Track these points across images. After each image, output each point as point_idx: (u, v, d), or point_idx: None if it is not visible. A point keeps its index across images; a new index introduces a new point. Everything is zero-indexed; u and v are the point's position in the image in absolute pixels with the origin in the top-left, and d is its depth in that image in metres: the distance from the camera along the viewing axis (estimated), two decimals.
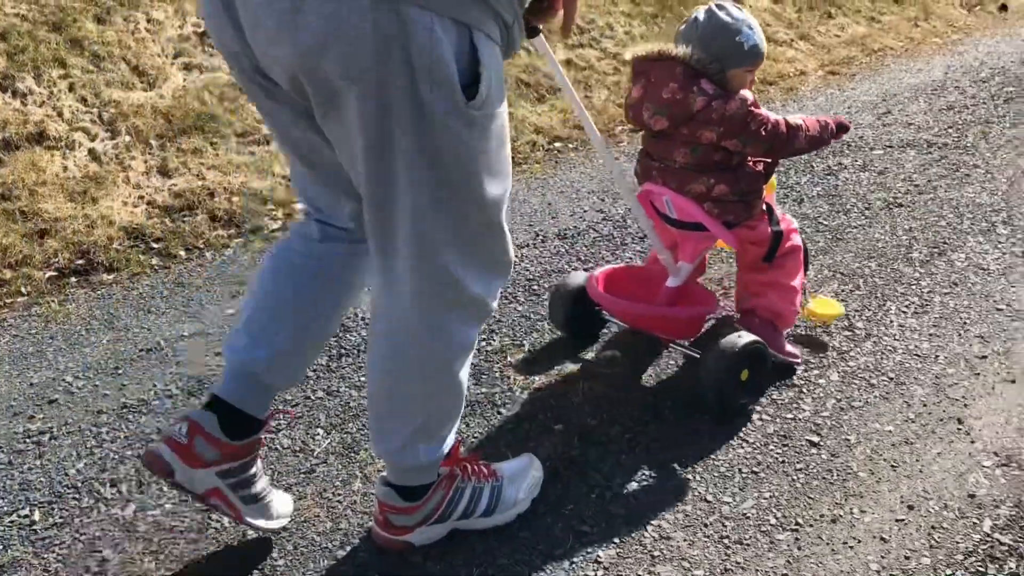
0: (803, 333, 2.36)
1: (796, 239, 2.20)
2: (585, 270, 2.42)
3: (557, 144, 4.05)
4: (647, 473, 1.86)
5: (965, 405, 2.07)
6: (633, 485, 1.83)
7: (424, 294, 1.40)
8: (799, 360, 2.23)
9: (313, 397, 2.14)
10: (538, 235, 3.06)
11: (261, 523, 1.61)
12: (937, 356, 2.27)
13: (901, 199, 3.26)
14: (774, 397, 2.10)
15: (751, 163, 2.07)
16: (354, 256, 1.58)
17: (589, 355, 2.30)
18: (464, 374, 1.53)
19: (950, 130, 4.04)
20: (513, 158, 3.92)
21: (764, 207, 2.13)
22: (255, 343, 1.54)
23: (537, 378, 2.19)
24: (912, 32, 6.05)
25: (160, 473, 1.49)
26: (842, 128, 2.10)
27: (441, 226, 1.34)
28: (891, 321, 2.43)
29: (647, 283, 2.23)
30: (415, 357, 1.46)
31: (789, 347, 2.22)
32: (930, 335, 2.36)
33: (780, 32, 5.54)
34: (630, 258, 2.86)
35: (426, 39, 1.16)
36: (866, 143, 3.90)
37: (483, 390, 2.14)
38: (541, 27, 1.51)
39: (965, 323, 2.41)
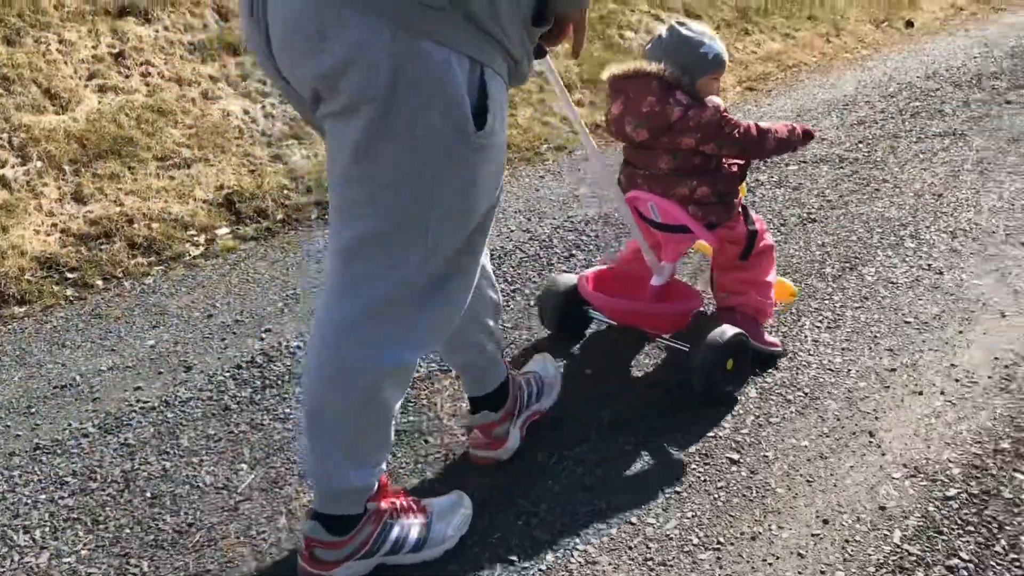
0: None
1: (769, 238, 2.39)
2: (568, 273, 2.44)
3: None
4: (573, 497, 1.89)
5: (876, 418, 2.15)
6: (559, 510, 1.85)
7: (378, 308, 1.44)
8: (780, 349, 2.41)
9: (236, 431, 2.11)
10: None
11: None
12: (849, 370, 2.35)
13: (815, 214, 3.38)
14: (696, 414, 2.15)
15: (727, 165, 2.22)
16: None
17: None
18: (397, 403, 1.56)
19: (860, 145, 4.19)
20: None
21: (740, 208, 2.28)
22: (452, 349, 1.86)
23: (465, 404, 2.20)
24: (825, 48, 6.27)
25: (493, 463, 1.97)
26: (808, 135, 2.25)
27: (421, 241, 1.40)
28: (805, 336, 2.51)
29: (631, 282, 2.38)
30: (350, 374, 1.48)
31: (769, 338, 2.41)
32: (842, 349, 2.45)
33: None
34: None
35: (442, 72, 1.27)
36: (782, 158, 4.02)
37: (410, 418, 2.14)
38: (548, 49, 1.58)
39: (875, 337, 2.51)
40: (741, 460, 2.01)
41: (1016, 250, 3.02)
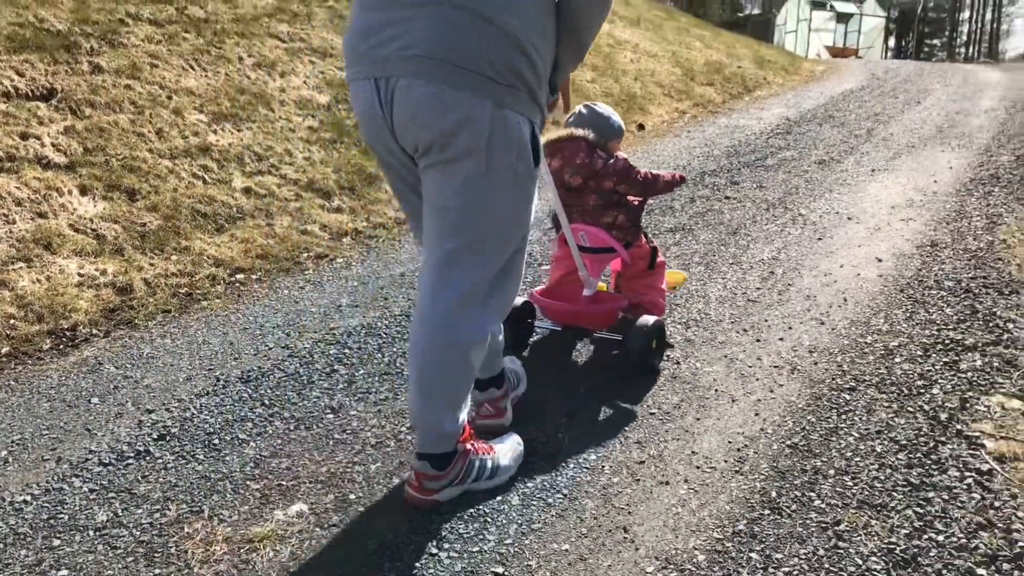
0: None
1: (662, 255, 3.24)
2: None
3: (239, 276, 3.95)
4: None
5: (629, 512, 2.26)
6: None
7: (468, 297, 2.03)
8: (671, 343, 3.26)
9: None
10: (219, 380, 2.93)
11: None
12: (603, 467, 2.46)
13: None
14: (460, 531, 2.16)
15: (631, 200, 3.03)
16: None
17: (278, 514, 2.21)
18: (479, 365, 2.19)
19: None
20: (191, 294, 3.75)
21: (643, 232, 3.13)
22: None
23: (219, 548, 2.07)
24: None
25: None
26: (682, 179, 3.10)
27: (500, 244, 2.03)
28: (561, 436, 2.61)
29: (566, 295, 3.18)
30: (452, 346, 2.06)
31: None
32: (596, 445, 2.57)
33: None
34: (317, 397, 2.83)
35: (516, 129, 1.90)
36: (534, 259, 4.23)
37: (155, 572, 1.97)
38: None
39: (624, 430, 2.66)
40: (506, 573, 2.03)
41: (740, 336, 3.35)
